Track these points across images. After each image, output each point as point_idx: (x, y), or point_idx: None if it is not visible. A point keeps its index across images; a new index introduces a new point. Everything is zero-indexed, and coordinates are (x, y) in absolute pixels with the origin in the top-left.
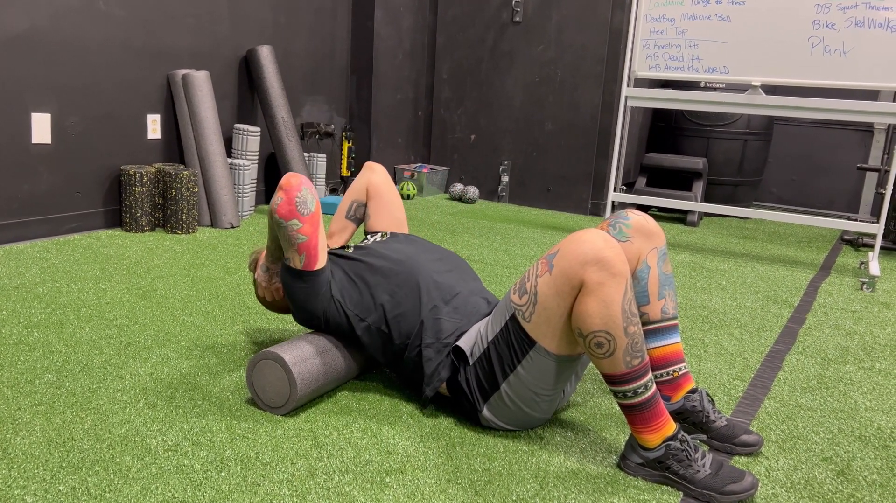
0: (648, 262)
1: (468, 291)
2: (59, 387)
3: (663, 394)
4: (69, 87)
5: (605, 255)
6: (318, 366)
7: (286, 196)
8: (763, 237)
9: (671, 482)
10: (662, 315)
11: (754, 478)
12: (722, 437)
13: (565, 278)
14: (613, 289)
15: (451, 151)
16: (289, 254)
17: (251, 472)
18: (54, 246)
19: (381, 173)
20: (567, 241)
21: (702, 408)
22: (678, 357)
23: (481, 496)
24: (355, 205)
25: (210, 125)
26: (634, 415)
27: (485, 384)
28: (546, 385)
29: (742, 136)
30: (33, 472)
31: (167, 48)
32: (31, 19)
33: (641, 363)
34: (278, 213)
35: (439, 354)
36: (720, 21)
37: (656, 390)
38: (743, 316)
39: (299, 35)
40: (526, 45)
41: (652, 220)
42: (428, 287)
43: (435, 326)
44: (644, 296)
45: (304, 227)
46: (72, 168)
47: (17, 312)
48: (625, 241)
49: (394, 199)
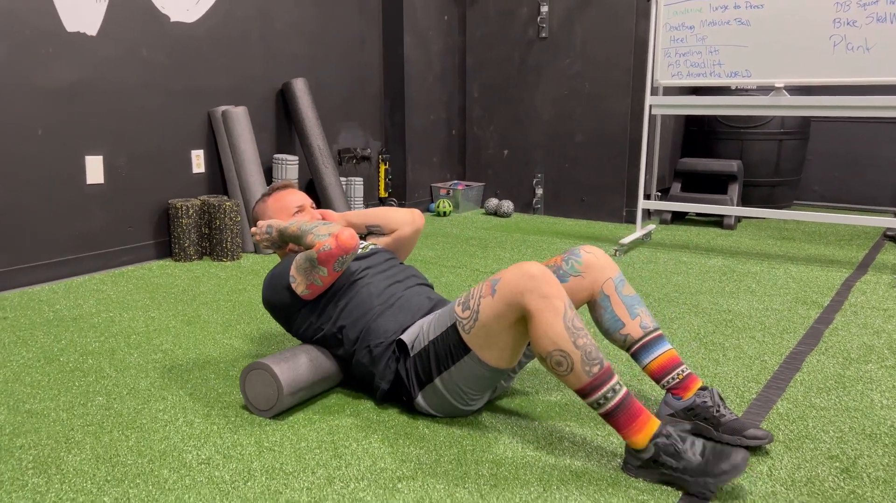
0: (606, 292)
1: (411, 294)
2: (108, 409)
3: (675, 394)
4: (118, 129)
5: (538, 285)
6: (304, 366)
7: (335, 250)
8: (801, 237)
9: (669, 478)
10: (643, 330)
11: (745, 452)
12: (732, 430)
13: (505, 304)
14: (552, 311)
15: (486, 167)
16: (298, 278)
17: (275, 482)
18: (110, 278)
19: (416, 231)
20: (509, 270)
21: (713, 403)
22: (676, 362)
23: (486, 499)
24: (378, 227)
25: (249, 157)
26: (614, 420)
27: (421, 375)
28: (475, 386)
29: (777, 137)
30: (82, 486)
31: (206, 87)
32: (80, 70)
33: (602, 370)
34: (319, 256)
35: (388, 350)
36: (739, 26)
37: (627, 393)
38: (768, 318)
39: (331, 65)
40: (553, 60)
41: (603, 254)
42: (370, 300)
43: (381, 328)
44: (616, 320)
45: (325, 278)
46: (124, 204)
47: (75, 341)
48: (577, 276)
49: (406, 251)
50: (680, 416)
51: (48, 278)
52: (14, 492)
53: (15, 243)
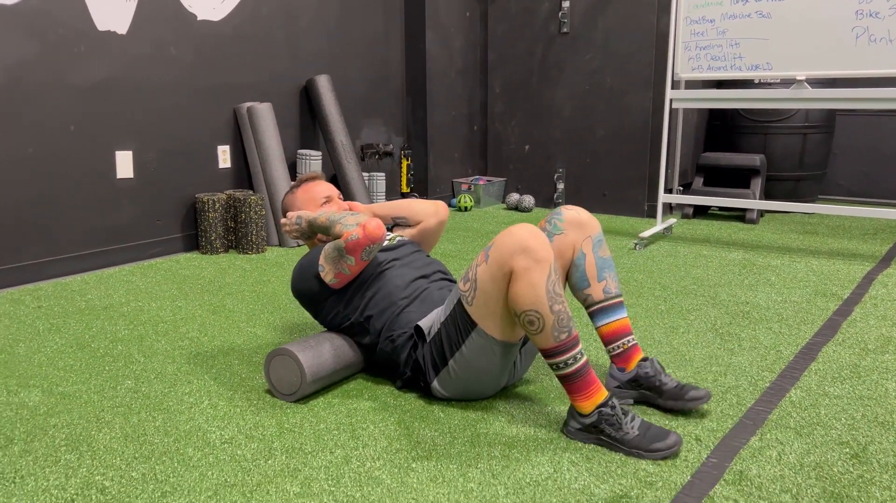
0: (584, 250)
1: (435, 287)
2: (137, 392)
3: (617, 365)
4: (147, 125)
5: (529, 244)
6: (328, 354)
7: (363, 240)
8: (825, 231)
9: (605, 443)
10: (605, 295)
11: (678, 436)
12: (674, 396)
13: (498, 266)
14: (538, 273)
15: (507, 163)
16: (327, 266)
17: (294, 460)
18: (139, 270)
19: (441, 223)
20: (500, 234)
21: (654, 373)
22: (626, 331)
23: (498, 479)
24: (403, 219)
25: (274, 152)
26: (569, 385)
27: (436, 359)
28: (488, 364)
29: (801, 131)
30: (111, 462)
31: (232, 84)
32: (110, 68)
33: (569, 337)
34: (347, 245)
35: (409, 340)
36: (760, 18)
37: (586, 362)
38: (786, 310)
39: (355, 62)
40: (574, 55)
41: (585, 212)
42: (397, 292)
43: (404, 320)
44: (584, 280)
45: (353, 267)
46: (152, 198)
47: (105, 329)
48: (560, 234)
49: (431, 243)
50: (625, 387)
51: (80, 269)
52: (48, 467)
53: (49, 236)
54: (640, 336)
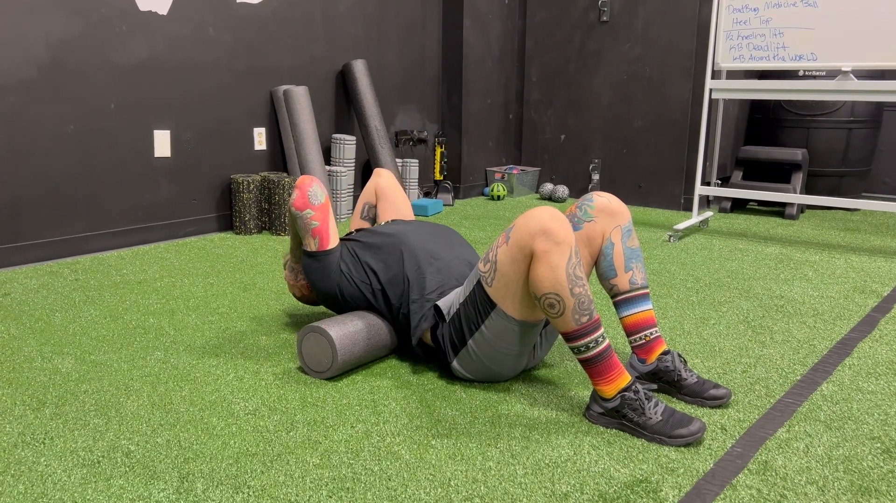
0: (612, 239)
1: (452, 257)
2: (165, 363)
3: (639, 357)
4: (185, 106)
5: (550, 227)
6: (360, 334)
7: (300, 191)
8: (867, 229)
9: (627, 429)
10: (631, 286)
11: (702, 423)
12: (693, 393)
13: (518, 247)
14: (558, 255)
15: (542, 152)
16: (305, 240)
17: (315, 433)
18: (174, 247)
19: (387, 177)
20: (521, 216)
21: (674, 367)
22: (650, 323)
23: (517, 459)
24: (367, 206)
25: (309, 136)
26: (590, 368)
27: (455, 340)
28: (508, 345)
29: (846, 125)
30: (137, 428)
31: (269, 67)
32: (151, 48)
33: (590, 320)
34: (294, 205)
35: (422, 307)
36: (806, 7)
37: (608, 346)
38: (822, 305)
39: (391, 48)
40: (613, 44)
41: (616, 199)
42: (412, 252)
43: (419, 283)
44: (611, 269)
45: (315, 215)
46: (188, 178)
47: (138, 303)
48: (590, 221)
49: (399, 198)
50: (645, 379)
51: (117, 245)
52: (77, 430)
53: (88, 212)
54: (669, 326)
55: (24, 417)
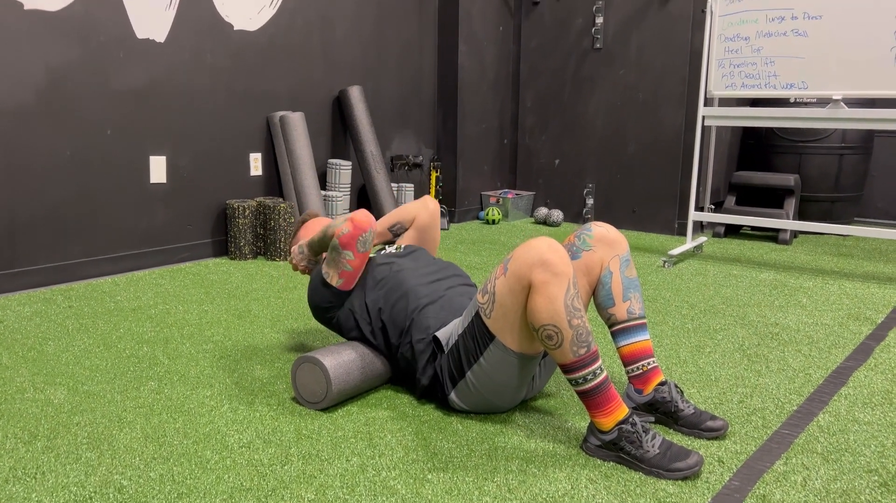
0: (611, 268)
1: (455, 293)
2: (159, 393)
3: (636, 387)
4: (181, 132)
5: (548, 258)
6: (354, 363)
7: (353, 231)
8: (860, 254)
9: (625, 462)
10: (629, 315)
11: (699, 456)
12: (690, 424)
13: (516, 278)
14: (556, 287)
15: (537, 176)
16: (329, 270)
17: (310, 466)
18: (168, 273)
19: (433, 214)
20: (519, 247)
21: (671, 398)
22: (647, 353)
23: (514, 493)
24: (398, 225)
25: (305, 161)
26: (588, 400)
27: (454, 371)
28: (507, 377)
29: (837, 151)
30: (130, 462)
31: (266, 93)
32: (148, 75)
33: (588, 352)
34: (340, 240)
35: (429, 346)
36: (797, 37)
37: (606, 378)
38: (817, 333)
39: (387, 73)
40: (607, 70)
41: (614, 230)
42: (416, 292)
43: (423, 324)
44: (609, 298)
45: (354, 261)
46: (184, 204)
47: (132, 331)
48: (588, 251)
49: (430, 237)
50: (642, 410)
51: (112, 271)
52: (69, 464)
53: (83, 237)
54: (665, 354)
55: (16, 451)
